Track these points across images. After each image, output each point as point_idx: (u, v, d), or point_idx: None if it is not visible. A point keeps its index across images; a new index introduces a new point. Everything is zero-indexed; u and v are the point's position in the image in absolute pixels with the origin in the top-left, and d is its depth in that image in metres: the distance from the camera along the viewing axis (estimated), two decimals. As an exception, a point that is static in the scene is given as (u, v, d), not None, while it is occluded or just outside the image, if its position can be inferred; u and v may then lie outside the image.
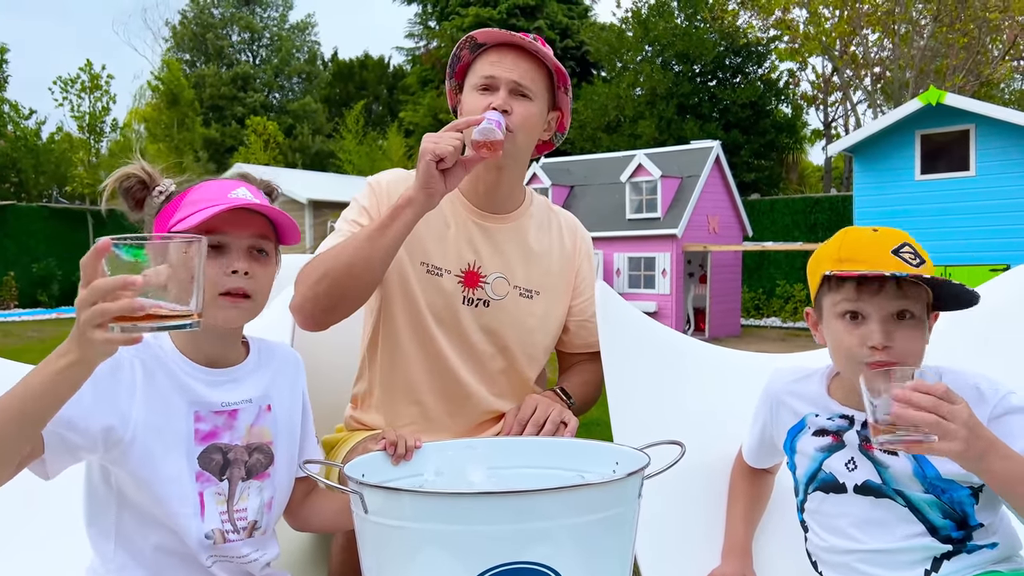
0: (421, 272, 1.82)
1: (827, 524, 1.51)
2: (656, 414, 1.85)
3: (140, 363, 1.31)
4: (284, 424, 1.45)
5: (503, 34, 1.80)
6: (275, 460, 1.41)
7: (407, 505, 1.19)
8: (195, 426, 1.33)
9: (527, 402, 1.78)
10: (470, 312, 1.85)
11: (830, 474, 1.50)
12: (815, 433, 1.55)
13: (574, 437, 1.70)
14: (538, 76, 1.81)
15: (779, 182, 25.89)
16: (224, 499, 1.34)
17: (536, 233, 1.95)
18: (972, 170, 11.61)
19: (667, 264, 13.88)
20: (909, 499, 1.42)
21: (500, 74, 1.77)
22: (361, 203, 1.87)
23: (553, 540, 1.16)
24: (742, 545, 1.72)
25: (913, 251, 1.39)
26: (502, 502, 1.16)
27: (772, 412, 1.64)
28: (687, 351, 2.11)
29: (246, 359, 1.43)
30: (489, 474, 1.43)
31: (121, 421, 1.26)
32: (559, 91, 1.87)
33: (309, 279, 1.67)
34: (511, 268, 1.89)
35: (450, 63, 1.88)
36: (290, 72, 41.76)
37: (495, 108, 1.72)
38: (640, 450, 1.37)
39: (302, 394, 1.52)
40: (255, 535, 1.38)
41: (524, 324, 1.89)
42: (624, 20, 25.57)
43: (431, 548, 1.17)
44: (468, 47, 1.83)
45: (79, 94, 23.66)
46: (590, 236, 2.10)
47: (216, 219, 1.29)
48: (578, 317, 1.99)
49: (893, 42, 20.45)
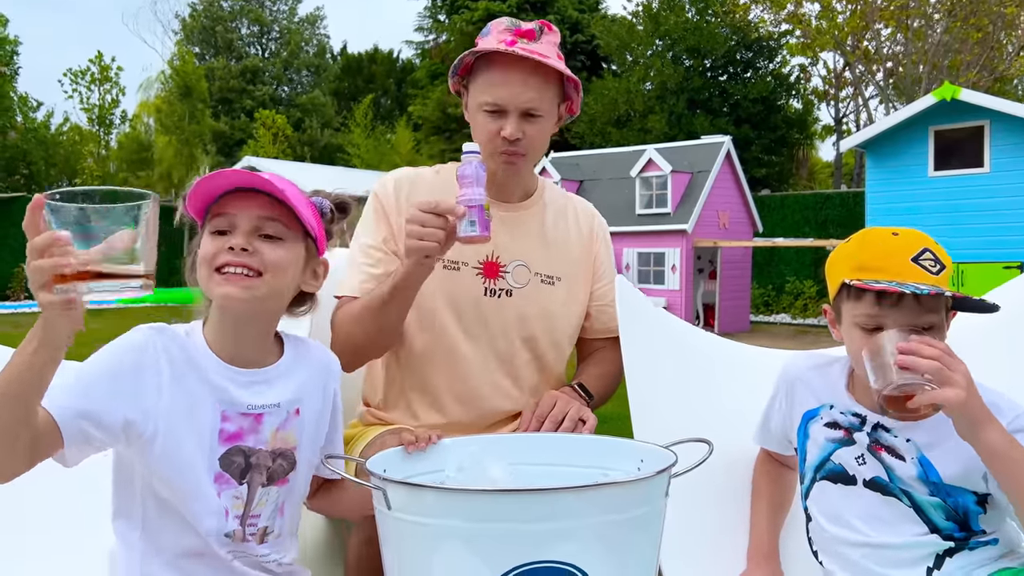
0: (438, 268, 1.78)
1: (832, 514, 1.50)
2: (678, 411, 1.82)
3: (168, 361, 1.28)
4: (311, 429, 1.41)
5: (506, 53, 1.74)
6: (296, 466, 1.38)
7: (430, 501, 1.17)
8: (221, 425, 1.30)
9: (545, 398, 1.76)
10: (493, 304, 1.83)
11: (839, 465, 1.50)
12: (827, 424, 1.54)
13: (593, 434, 1.67)
14: (547, 89, 1.78)
15: (789, 178, 25.82)
16: (242, 503, 1.31)
17: (552, 220, 1.93)
18: (986, 166, 11.52)
19: (677, 259, 13.83)
20: (914, 499, 1.42)
21: (508, 98, 1.75)
22: (371, 221, 1.86)
23: (579, 539, 1.14)
24: (768, 547, 1.69)
25: (934, 257, 1.37)
26: (528, 499, 1.14)
27: (788, 394, 1.63)
28: (707, 347, 2.08)
29: (280, 360, 1.39)
30: (510, 471, 1.41)
31: (142, 416, 1.24)
32: (568, 86, 1.85)
33: (338, 337, 1.76)
34: (530, 255, 1.87)
35: (453, 67, 1.85)
36: (299, 65, 41.75)
37: (506, 137, 1.74)
38: (666, 447, 1.34)
39: (334, 395, 1.48)
40: (268, 539, 1.35)
41: (548, 311, 1.88)
42: (635, 14, 25.50)
43: (454, 545, 1.15)
44: (471, 54, 1.81)
45: (89, 86, 23.71)
46: (605, 222, 2.08)
47: (222, 201, 1.28)
48: (599, 302, 1.98)
49: (906, 37, 20.31)
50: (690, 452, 1.30)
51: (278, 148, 29.83)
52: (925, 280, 1.34)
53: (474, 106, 1.82)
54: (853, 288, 1.40)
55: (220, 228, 1.29)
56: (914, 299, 1.35)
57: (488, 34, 1.81)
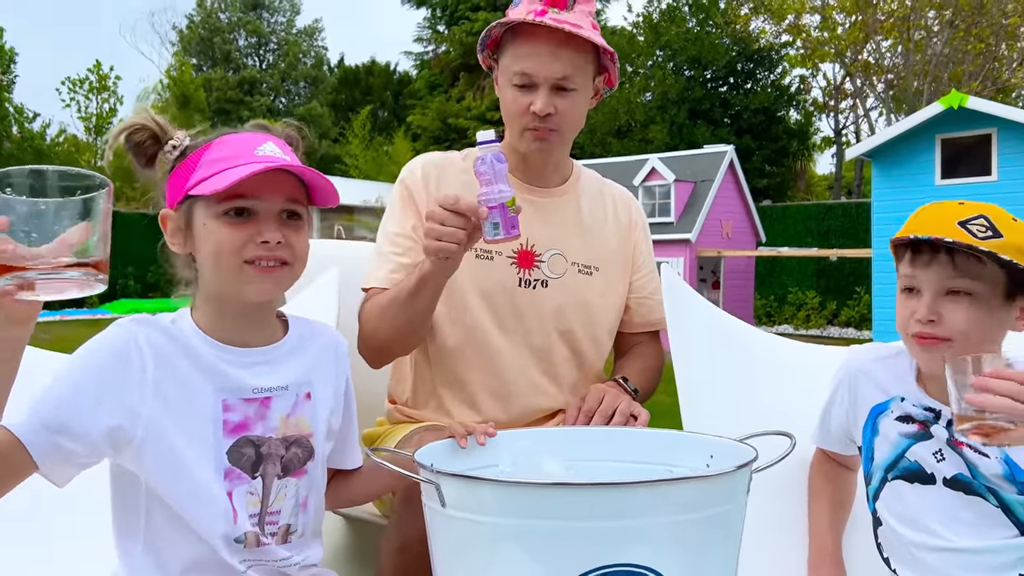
0: (470, 257, 1.68)
1: (907, 517, 1.39)
2: (729, 406, 1.71)
3: (153, 353, 1.15)
4: (325, 414, 1.29)
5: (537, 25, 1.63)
6: (315, 455, 1.25)
7: (489, 497, 1.05)
8: (223, 416, 1.17)
9: (592, 392, 1.65)
10: (528, 295, 1.72)
11: (916, 463, 1.39)
12: (899, 418, 1.43)
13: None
14: (580, 60, 1.66)
15: (789, 188, 25.86)
16: (258, 499, 1.18)
17: (589, 206, 1.84)
18: (994, 175, 11.46)
19: (680, 269, 13.77)
20: (1002, 498, 1.31)
21: (537, 71, 1.64)
22: (398, 208, 1.77)
23: (653, 539, 1.03)
24: (832, 553, 1.58)
25: (988, 224, 1.26)
26: (599, 494, 1.02)
27: (851, 388, 1.51)
28: (757, 342, 1.98)
29: (283, 339, 1.26)
30: (568, 466, 1.28)
31: (129, 419, 1.11)
32: (604, 57, 1.73)
33: (364, 331, 1.68)
34: (567, 243, 1.77)
35: (480, 39, 1.74)
36: (296, 77, 41.85)
37: (536, 112, 1.63)
38: (742, 441, 1.22)
39: (346, 381, 1.36)
40: (291, 539, 1.22)
41: (586, 303, 1.77)
42: (635, 25, 25.65)
43: (514, 546, 1.04)
44: (500, 25, 1.70)
45: (87, 95, 23.67)
46: (643, 211, 1.99)
47: (245, 182, 1.13)
48: (638, 294, 1.88)
49: (907, 49, 20.36)
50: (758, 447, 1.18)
51: (276, 158, 29.76)
52: (970, 241, 1.24)
53: (503, 80, 1.72)
54: (898, 249, 1.35)
55: (239, 212, 1.16)
56: (949, 259, 1.27)
57: (519, 4, 1.70)
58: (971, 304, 1.28)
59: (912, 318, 1.31)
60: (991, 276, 1.27)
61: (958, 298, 1.28)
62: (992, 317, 1.29)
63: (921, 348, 1.31)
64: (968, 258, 1.26)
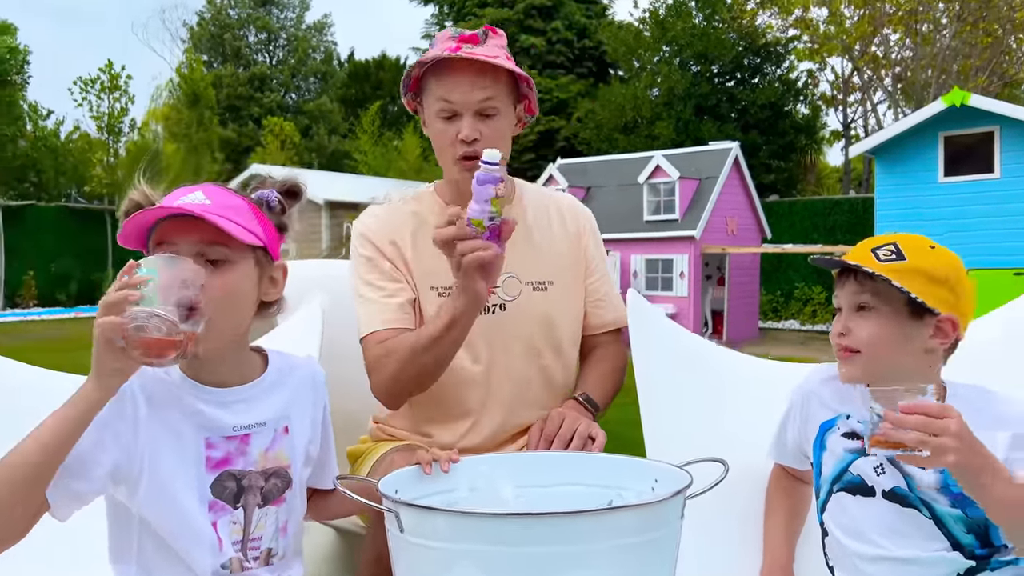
0: (432, 296, 1.78)
1: (850, 528, 1.48)
2: (691, 426, 1.80)
3: (143, 392, 1.24)
4: (302, 446, 1.38)
5: (450, 58, 1.70)
6: (292, 484, 1.35)
7: (442, 525, 1.15)
8: (206, 453, 1.26)
9: (553, 416, 1.74)
10: (490, 320, 1.80)
11: (858, 476, 1.48)
12: (845, 434, 1.53)
13: (602, 451, 1.65)
14: (499, 88, 1.74)
15: (797, 184, 25.73)
16: (240, 528, 1.28)
17: (534, 221, 1.90)
18: (997, 172, 11.46)
19: (685, 266, 13.80)
20: (935, 511, 1.40)
21: (460, 99, 1.71)
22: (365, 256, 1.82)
23: (592, 563, 1.12)
24: (784, 562, 1.67)
25: (895, 249, 1.40)
26: (539, 523, 1.11)
27: (803, 407, 1.62)
28: (720, 361, 2.06)
29: (262, 375, 1.35)
30: (519, 492, 1.39)
31: (127, 458, 1.21)
32: (522, 85, 1.81)
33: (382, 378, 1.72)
34: (518, 265, 1.83)
35: (402, 82, 1.82)
36: (306, 72, 41.83)
37: (463, 139, 1.70)
38: (681, 467, 1.32)
39: (323, 408, 1.45)
40: (273, 561, 1.32)
41: (545, 316, 1.85)
42: (642, 20, 25.46)
43: (466, 569, 1.13)
44: (418, 64, 1.77)
45: (99, 94, 23.82)
46: (591, 212, 2.04)
47: (162, 228, 1.22)
48: (592, 297, 1.96)
49: (915, 42, 20.25)
50: (704, 471, 1.28)
51: (286, 155, 29.88)
52: (870, 265, 1.39)
53: (430, 116, 1.79)
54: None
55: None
56: (855, 280, 1.43)
57: (434, 46, 1.79)
58: (876, 319, 1.42)
59: (833, 332, 1.48)
60: (893, 295, 1.39)
61: (866, 314, 1.43)
62: (899, 332, 1.41)
63: (840, 360, 1.47)
64: (870, 279, 1.40)
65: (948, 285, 1.39)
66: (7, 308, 18.59)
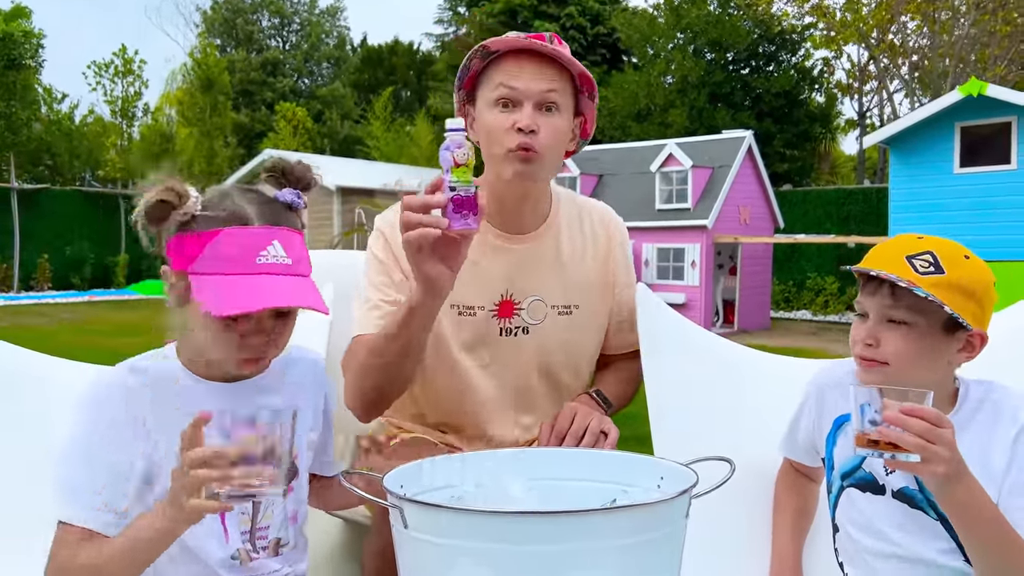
0: (452, 314, 1.73)
1: (862, 523, 1.47)
2: (699, 423, 1.79)
3: (150, 393, 1.26)
4: (307, 435, 1.41)
5: (521, 41, 1.63)
6: (299, 474, 1.37)
7: (446, 521, 1.14)
8: None
9: (565, 411, 1.72)
10: (510, 342, 1.77)
11: (869, 473, 1.48)
12: None
13: (615, 448, 1.64)
14: (563, 84, 1.67)
15: (811, 172, 25.56)
16: (248, 518, 1.30)
17: (568, 242, 1.84)
18: (1013, 163, 11.34)
19: (697, 255, 13.75)
20: (941, 513, 1.38)
21: (523, 86, 1.63)
22: (379, 258, 1.74)
23: (596, 562, 1.11)
24: (793, 561, 1.67)
25: (933, 260, 1.34)
26: (542, 521, 1.11)
27: (819, 400, 1.60)
28: (730, 356, 2.04)
29: (267, 368, 1.36)
30: (529, 486, 1.38)
31: (147, 461, 1.25)
32: (583, 96, 1.74)
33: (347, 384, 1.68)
34: (546, 289, 1.79)
35: (459, 75, 1.73)
36: (319, 57, 41.81)
37: (520, 128, 1.61)
38: (687, 466, 1.31)
39: (324, 396, 1.47)
40: (282, 551, 1.34)
41: (566, 341, 1.82)
42: (656, 7, 25.32)
43: (470, 566, 1.13)
44: (479, 55, 1.68)
45: (112, 79, 23.89)
46: (623, 222, 1.98)
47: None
48: (617, 316, 1.91)
49: (932, 30, 20.03)
50: (711, 469, 1.27)
51: (298, 140, 29.92)
52: (909, 277, 1.33)
53: (485, 107, 1.68)
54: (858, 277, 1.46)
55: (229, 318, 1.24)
56: (890, 291, 1.36)
57: None
58: (908, 333, 1.36)
59: (858, 340, 1.42)
60: (930, 309, 1.34)
61: (897, 327, 1.37)
62: (930, 347, 1.37)
63: (862, 368, 1.42)
64: (906, 292, 1.34)
65: (977, 298, 1.36)
66: (22, 291, 18.74)
